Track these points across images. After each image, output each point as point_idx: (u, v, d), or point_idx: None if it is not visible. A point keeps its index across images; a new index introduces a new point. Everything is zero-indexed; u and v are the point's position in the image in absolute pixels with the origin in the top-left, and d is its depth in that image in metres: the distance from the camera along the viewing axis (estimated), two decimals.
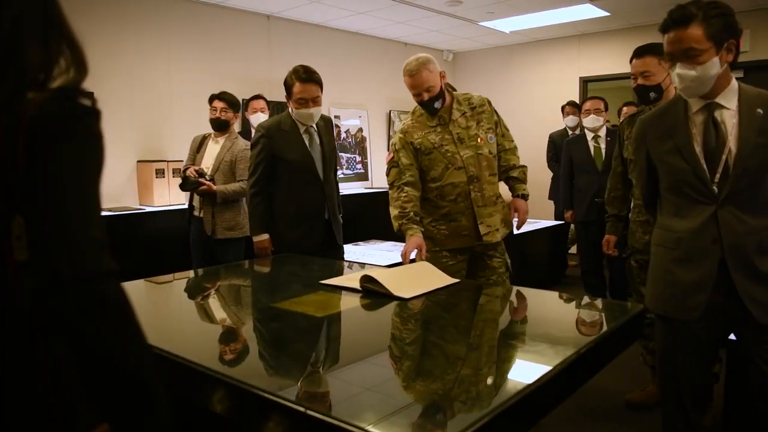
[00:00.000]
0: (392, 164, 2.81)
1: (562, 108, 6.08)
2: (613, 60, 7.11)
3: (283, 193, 3.22)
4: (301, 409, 1.15)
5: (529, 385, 1.26)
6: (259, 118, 4.80)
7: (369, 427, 1.07)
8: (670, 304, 2.02)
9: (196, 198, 4.11)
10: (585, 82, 7.38)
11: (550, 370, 1.35)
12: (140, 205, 5.02)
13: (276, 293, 2.40)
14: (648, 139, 2.10)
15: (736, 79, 1.96)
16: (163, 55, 5.36)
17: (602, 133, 4.67)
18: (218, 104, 4.13)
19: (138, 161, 5.08)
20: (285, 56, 6.35)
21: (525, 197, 2.91)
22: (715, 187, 1.91)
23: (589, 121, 4.67)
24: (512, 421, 1.19)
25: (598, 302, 2.23)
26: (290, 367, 1.52)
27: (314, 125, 3.24)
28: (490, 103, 2.90)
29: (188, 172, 3.90)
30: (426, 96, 2.72)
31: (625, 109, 5.29)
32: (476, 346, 1.68)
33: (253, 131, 4.85)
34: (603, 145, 4.62)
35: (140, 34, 5.19)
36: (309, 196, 3.21)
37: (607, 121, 4.97)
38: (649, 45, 2.82)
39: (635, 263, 2.99)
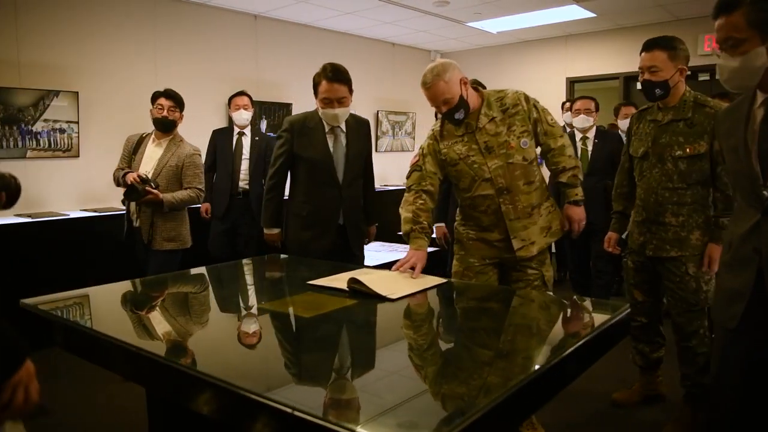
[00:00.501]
0: (415, 167, 2.68)
1: (562, 105, 6.07)
2: (600, 61, 7.16)
3: (300, 192, 3.17)
4: (288, 410, 1.14)
5: (516, 384, 1.27)
6: (242, 115, 4.77)
7: (357, 428, 1.06)
8: (716, 309, 1.92)
9: (133, 205, 3.69)
10: (572, 82, 7.42)
11: (537, 369, 1.35)
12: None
13: (263, 294, 2.39)
14: (718, 133, 1.96)
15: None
16: (149, 55, 5.33)
17: (591, 134, 4.55)
18: (165, 102, 3.68)
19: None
20: (272, 56, 6.34)
21: (578, 203, 2.66)
22: (765, 192, 1.72)
23: (579, 121, 4.54)
24: (499, 420, 1.19)
25: (585, 301, 2.24)
26: (277, 367, 1.52)
27: (342, 126, 3.12)
28: (527, 99, 2.61)
29: (129, 179, 3.46)
30: (444, 108, 2.53)
31: (623, 109, 5.24)
32: (462, 346, 1.68)
33: (236, 129, 4.79)
34: (590, 147, 4.51)
35: (126, 33, 5.15)
36: (324, 198, 3.11)
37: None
38: (659, 38, 2.69)
39: (631, 264, 2.94)
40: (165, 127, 3.71)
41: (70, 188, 4.86)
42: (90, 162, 4.88)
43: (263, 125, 6.22)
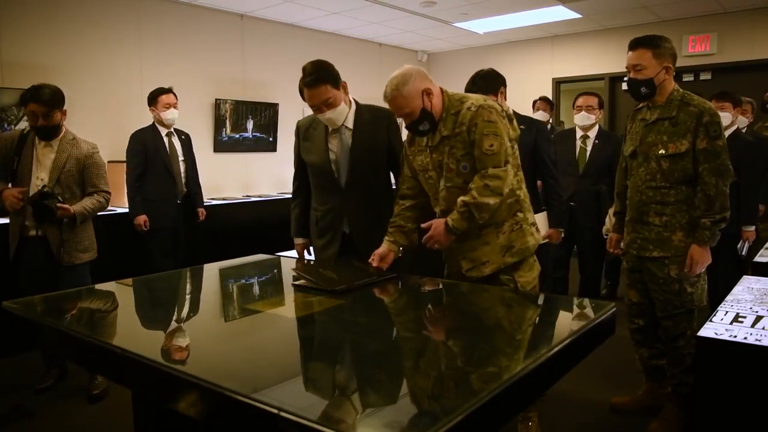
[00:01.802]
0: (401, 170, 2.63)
1: (534, 102, 6.00)
2: (586, 61, 7.21)
3: (312, 198, 3.00)
4: (274, 410, 1.14)
5: (501, 384, 1.27)
6: (173, 114, 4.40)
7: (343, 428, 1.06)
8: None
9: (28, 212, 3.15)
10: (558, 83, 7.47)
11: (521, 370, 1.36)
12: (110, 206, 4.94)
13: (249, 294, 2.38)
14: None
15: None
16: (134, 55, 5.29)
17: (592, 133, 4.37)
18: (37, 108, 3.08)
19: (108, 162, 5.00)
20: (259, 56, 6.32)
21: (448, 227, 2.30)
22: None
23: (579, 118, 4.37)
24: (484, 420, 1.19)
25: (570, 301, 2.25)
26: (263, 368, 1.51)
27: (348, 124, 2.80)
28: (473, 117, 2.31)
29: (10, 198, 3.01)
30: (406, 121, 2.38)
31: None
32: (447, 346, 1.68)
33: (161, 130, 4.38)
34: (589, 147, 4.34)
35: (110, 33, 5.12)
36: (328, 204, 2.89)
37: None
38: (644, 37, 2.67)
39: (626, 264, 2.92)
40: (47, 134, 3.18)
41: None
42: None
43: (249, 125, 6.20)
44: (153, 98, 4.41)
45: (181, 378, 1.36)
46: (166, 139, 4.43)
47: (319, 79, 2.63)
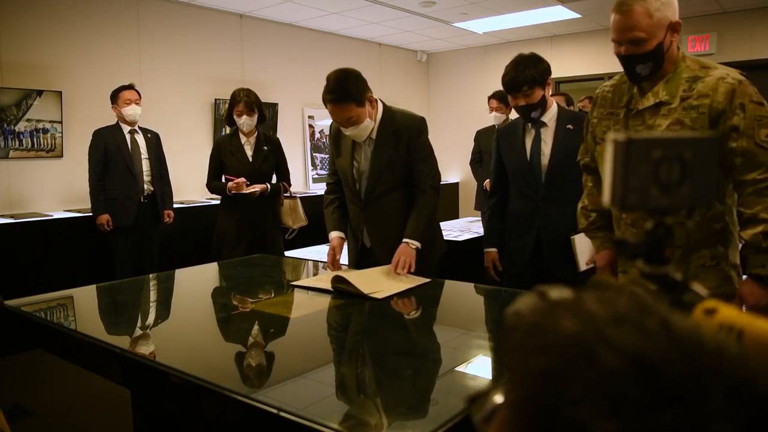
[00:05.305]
0: (583, 137, 2.19)
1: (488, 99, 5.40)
2: (586, 61, 7.21)
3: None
4: (274, 410, 1.14)
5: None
6: (135, 110, 4.29)
7: (341, 428, 1.06)
8: None
9: None
10: (557, 83, 7.47)
11: None
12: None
13: (247, 295, 2.38)
14: None
15: None
16: (133, 55, 5.29)
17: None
18: None
19: None
20: (258, 56, 6.32)
21: (762, 279, 1.71)
22: None
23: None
24: None
25: None
26: (262, 368, 1.52)
27: (373, 137, 2.56)
28: (733, 94, 1.73)
29: None
30: (627, 47, 1.76)
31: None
32: (448, 346, 1.69)
33: (124, 127, 4.27)
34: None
35: (110, 33, 5.12)
36: (352, 213, 2.69)
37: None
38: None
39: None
40: None
41: (54, 189, 4.81)
42: (74, 162, 4.83)
43: None
44: (114, 95, 4.33)
45: (180, 378, 1.36)
46: (128, 137, 4.33)
47: (341, 98, 2.40)
